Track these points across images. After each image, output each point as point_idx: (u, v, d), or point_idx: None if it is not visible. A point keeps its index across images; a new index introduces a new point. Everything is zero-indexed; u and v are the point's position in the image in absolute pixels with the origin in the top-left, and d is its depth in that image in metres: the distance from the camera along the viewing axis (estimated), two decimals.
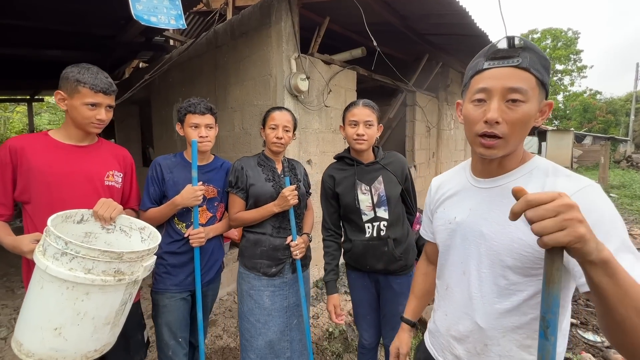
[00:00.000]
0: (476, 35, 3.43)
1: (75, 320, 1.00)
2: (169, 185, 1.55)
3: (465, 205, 0.86)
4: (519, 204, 0.52)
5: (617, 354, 2.30)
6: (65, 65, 1.33)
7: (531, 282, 0.73)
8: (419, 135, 5.27)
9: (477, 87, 0.74)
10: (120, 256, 1.01)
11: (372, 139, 1.55)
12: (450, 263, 0.89)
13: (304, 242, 1.65)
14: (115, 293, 1.05)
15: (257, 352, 1.61)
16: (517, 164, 0.79)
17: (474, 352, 0.82)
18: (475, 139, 0.75)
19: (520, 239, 0.72)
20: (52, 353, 1.00)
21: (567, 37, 25.78)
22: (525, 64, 0.69)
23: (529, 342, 0.75)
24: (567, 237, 0.49)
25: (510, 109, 0.70)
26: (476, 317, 0.80)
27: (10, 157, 1.21)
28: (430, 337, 0.99)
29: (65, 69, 1.27)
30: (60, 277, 0.95)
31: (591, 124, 24.31)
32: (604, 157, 10.36)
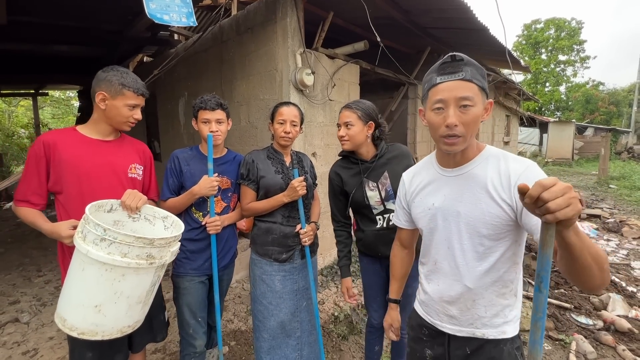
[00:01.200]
0: (477, 29, 3.48)
1: (113, 298, 1.12)
2: (187, 176, 1.65)
3: (440, 193, 1.03)
4: (535, 188, 0.63)
5: (608, 335, 2.43)
6: (71, 60, 1.44)
7: (500, 244, 0.94)
8: (420, 127, 5.34)
9: (435, 99, 0.92)
10: (152, 242, 1.13)
11: (354, 138, 1.63)
12: (435, 242, 1.05)
13: (312, 230, 1.76)
14: (146, 275, 1.17)
15: (269, 332, 1.74)
16: (475, 154, 0.99)
17: (465, 309, 1.01)
18: (440, 139, 0.94)
19: (490, 212, 0.92)
20: (92, 327, 1.12)
21: (570, 27, 25.46)
22: (468, 76, 0.88)
23: (504, 290, 0.97)
24: (572, 212, 0.61)
25: (463, 113, 0.89)
26: (464, 281, 0.99)
27: (44, 150, 1.31)
28: (423, 307, 1.15)
29: (103, 72, 1.37)
30: (100, 260, 1.06)
31: (593, 115, 24.19)
32: (605, 149, 10.41)
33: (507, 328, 0.99)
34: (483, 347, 1.01)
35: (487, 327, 0.99)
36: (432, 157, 1.12)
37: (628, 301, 2.90)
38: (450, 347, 1.06)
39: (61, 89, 10.20)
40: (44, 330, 2.62)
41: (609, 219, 5.59)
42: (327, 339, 2.44)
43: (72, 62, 5.43)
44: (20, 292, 3.26)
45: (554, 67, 25.97)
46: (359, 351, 2.34)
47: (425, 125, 1.01)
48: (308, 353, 1.83)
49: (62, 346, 2.41)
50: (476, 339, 1.01)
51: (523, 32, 27.46)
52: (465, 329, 1.02)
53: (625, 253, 4.28)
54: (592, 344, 2.35)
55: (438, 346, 1.09)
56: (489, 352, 1.00)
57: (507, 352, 0.99)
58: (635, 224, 5.24)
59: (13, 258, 4.17)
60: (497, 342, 0.99)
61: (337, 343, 2.41)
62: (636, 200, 7.20)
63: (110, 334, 1.16)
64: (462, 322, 1.02)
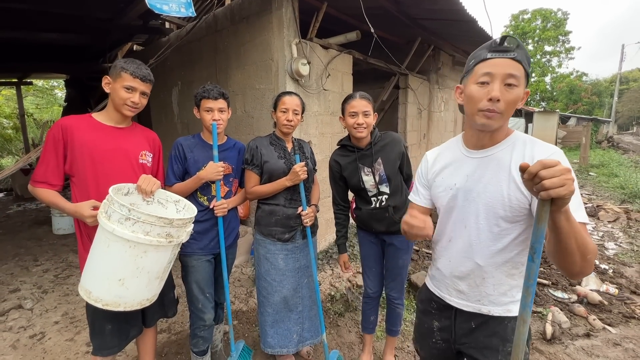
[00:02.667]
0: (466, 20, 3.60)
1: (135, 273, 1.22)
2: (191, 163, 1.74)
3: (462, 172, 1.05)
4: (535, 165, 0.67)
5: (580, 307, 2.66)
6: (61, 48, 1.49)
7: (516, 227, 0.97)
8: (410, 117, 5.48)
9: (482, 72, 0.92)
10: (171, 222, 1.23)
11: (370, 126, 1.77)
12: (452, 221, 1.09)
13: (313, 212, 1.89)
14: (165, 252, 1.28)
15: (273, 307, 1.88)
16: (503, 137, 1.01)
17: (474, 285, 1.05)
18: (478, 112, 0.94)
19: (509, 194, 0.95)
20: (116, 299, 1.23)
21: (556, 18, 25.85)
22: (519, 57, 0.90)
23: (514, 271, 1.01)
24: (565, 191, 0.66)
25: (507, 91, 0.90)
26: (476, 258, 1.03)
27: (62, 134, 1.39)
28: (433, 281, 1.20)
29: (115, 61, 1.46)
30: (125, 238, 1.16)
31: (576, 105, 24.86)
32: (585, 138, 10.82)
33: (513, 307, 1.03)
34: (487, 323, 1.05)
35: (493, 304, 1.03)
36: (459, 138, 1.14)
37: (600, 277, 3.15)
38: (457, 321, 1.11)
39: (47, 77, 9.89)
40: (49, 316, 2.69)
41: (587, 204, 5.90)
42: (325, 316, 2.60)
43: (58, 50, 5.31)
44: (20, 281, 3.30)
45: (540, 58, 26.43)
46: (354, 326, 2.51)
47: (460, 102, 1.03)
48: (309, 326, 1.98)
49: (68, 329, 2.50)
50: (481, 315, 1.05)
51: (511, 23, 27.75)
52: (472, 304, 1.06)
53: (600, 235, 4.57)
54: (567, 315, 2.58)
55: (445, 319, 1.15)
56: (493, 327, 1.04)
57: (510, 328, 1.03)
58: (611, 209, 5.56)
59: (8, 249, 4.17)
60: (501, 319, 1.04)
61: (334, 319, 2.57)
62: (613, 186, 7.57)
63: (132, 306, 1.26)
64: (469, 297, 1.06)
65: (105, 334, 1.48)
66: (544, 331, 2.39)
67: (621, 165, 10.61)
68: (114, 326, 1.49)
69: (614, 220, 5.15)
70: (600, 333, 2.42)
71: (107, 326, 1.47)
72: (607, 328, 2.46)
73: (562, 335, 2.37)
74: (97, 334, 1.48)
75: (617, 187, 7.39)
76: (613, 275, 3.24)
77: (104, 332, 1.48)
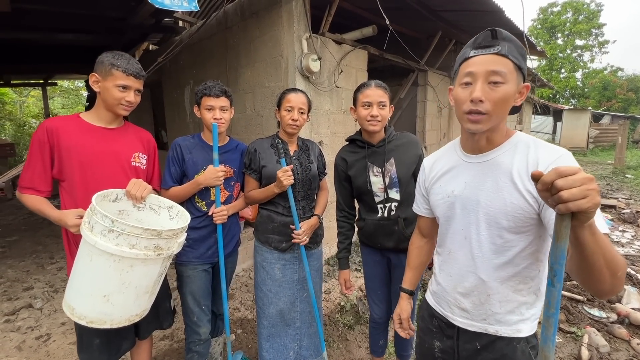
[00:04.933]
0: (491, 11, 3.33)
1: (121, 288, 1.11)
2: (189, 165, 1.63)
3: (461, 179, 0.97)
4: (549, 174, 0.58)
5: (621, 328, 2.37)
6: (78, 49, 1.39)
7: (521, 239, 0.87)
8: (430, 115, 5.21)
9: (465, 72, 0.86)
10: (160, 233, 1.11)
11: (385, 119, 1.57)
12: (452, 231, 1.00)
13: (310, 228, 1.69)
14: (154, 265, 1.16)
15: (269, 320, 1.73)
16: (503, 139, 0.91)
17: (478, 303, 0.95)
18: (463, 116, 0.87)
19: (512, 203, 0.85)
20: (101, 316, 1.12)
21: (589, 10, 24.37)
22: (504, 51, 0.81)
23: (521, 286, 0.91)
24: (588, 204, 0.55)
25: (492, 90, 0.82)
26: (479, 273, 0.93)
27: (47, 136, 1.29)
28: (434, 297, 1.10)
29: (100, 55, 1.34)
30: (108, 252, 1.05)
31: (610, 102, 23.35)
32: (622, 137, 10.06)
33: (523, 326, 0.93)
34: (494, 344, 0.95)
35: (500, 323, 0.94)
36: (456, 142, 1.05)
37: None
38: (460, 341, 1.01)
39: (69, 78, 10.25)
40: (57, 316, 2.68)
41: (625, 209, 5.43)
42: (334, 328, 2.44)
43: (79, 52, 5.42)
44: (34, 279, 3.34)
45: (570, 53, 25.03)
46: (364, 340, 2.33)
47: (452, 105, 0.95)
48: (308, 344, 1.82)
49: (73, 332, 2.44)
50: (487, 335, 0.95)
51: (538, 16, 26.43)
52: (477, 323, 0.97)
53: None
54: (605, 337, 2.30)
55: (447, 339, 1.05)
56: (501, 349, 0.94)
57: (520, 350, 0.93)
58: None
59: (27, 245, 4.28)
60: (510, 339, 0.94)
61: (343, 332, 2.41)
62: None
63: (119, 323, 1.16)
64: (474, 316, 0.97)
65: (93, 349, 1.39)
66: (579, 355, 2.13)
67: None
68: (102, 341, 1.39)
69: None
70: None
71: (95, 340, 1.38)
72: None
73: None
74: (85, 348, 1.39)
75: None
76: None
77: (92, 346, 1.39)
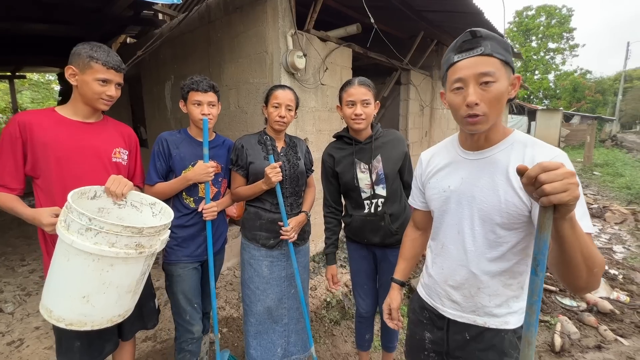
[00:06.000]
0: (472, 12, 3.42)
1: (101, 289, 1.07)
2: (176, 160, 1.59)
3: (458, 175, 0.99)
4: (534, 169, 0.61)
5: (590, 316, 2.52)
6: (50, 40, 1.32)
7: (514, 235, 0.90)
8: (412, 114, 5.31)
9: (454, 78, 0.87)
10: (141, 231, 1.08)
11: (370, 117, 1.58)
12: (445, 225, 1.02)
13: (298, 225, 1.70)
14: (136, 264, 1.13)
15: (256, 317, 1.73)
16: (501, 138, 0.93)
17: (468, 296, 0.99)
18: (462, 120, 0.88)
19: (507, 200, 0.88)
20: (81, 318, 1.08)
21: (561, 15, 25.51)
22: (487, 50, 0.82)
23: (511, 281, 0.95)
24: (568, 197, 0.59)
25: (485, 90, 0.83)
26: (471, 267, 0.97)
27: (19, 131, 1.22)
28: (426, 290, 1.13)
29: (76, 46, 1.28)
30: (86, 251, 1.01)
31: (580, 103, 24.59)
32: (590, 137, 10.63)
33: (511, 319, 0.97)
34: (483, 334, 0.99)
35: (489, 316, 0.97)
36: (454, 138, 1.07)
37: (610, 283, 3.01)
38: (450, 332, 1.05)
39: (39, 71, 9.71)
40: (30, 320, 2.55)
41: (593, 204, 5.75)
42: (320, 324, 2.46)
43: (51, 43, 5.14)
44: (4, 282, 3.16)
45: (543, 55, 26.12)
46: (350, 335, 2.37)
47: (447, 108, 0.97)
48: (295, 340, 1.82)
49: (48, 336, 2.36)
50: (476, 326, 0.99)
51: (514, 19, 27.41)
52: (467, 315, 1.00)
53: (607, 238, 4.42)
54: (576, 325, 2.43)
55: (437, 330, 1.08)
56: (490, 340, 0.98)
57: (508, 340, 0.97)
58: (618, 210, 5.40)
59: None
60: (498, 331, 0.97)
61: (329, 328, 2.43)
62: (619, 186, 7.41)
63: (100, 324, 1.12)
64: (464, 308, 1.01)
65: (73, 352, 1.34)
66: (552, 343, 2.24)
67: (626, 164, 10.43)
68: (83, 343, 1.34)
69: (621, 222, 4.99)
70: (612, 345, 2.27)
71: (75, 343, 1.33)
72: (619, 339, 2.32)
73: (572, 348, 2.23)
74: (65, 352, 1.34)
75: (622, 188, 7.23)
76: (623, 282, 3.10)
77: (72, 349, 1.34)
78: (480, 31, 0.84)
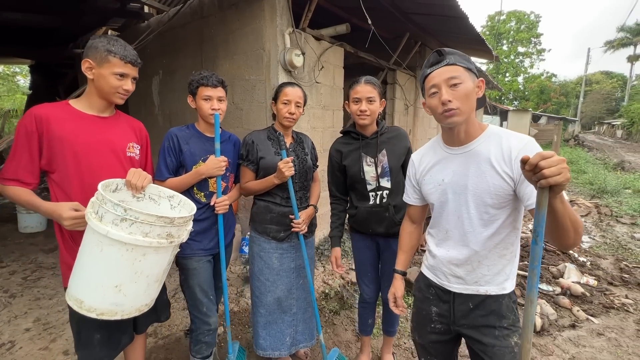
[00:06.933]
0: (458, 17, 3.60)
1: (133, 278, 1.10)
2: (187, 156, 1.61)
3: (449, 169, 1.15)
4: (535, 157, 0.75)
5: (565, 299, 2.76)
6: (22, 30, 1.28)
7: (503, 212, 1.07)
8: (397, 112, 5.49)
9: (429, 86, 1.08)
10: (172, 221, 1.12)
11: (375, 113, 1.69)
12: (446, 214, 1.18)
13: (308, 217, 1.79)
14: (165, 254, 1.17)
15: (266, 308, 1.79)
16: (479, 132, 1.11)
17: (470, 270, 1.14)
18: (440, 116, 1.07)
19: (494, 184, 1.05)
20: (113, 307, 1.11)
21: (529, 21, 26.91)
22: (452, 61, 1.04)
23: (504, 251, 1.11)
24: (562, 178, 0.73)
25: (454, 90, 1.03)
26: (472, 245, 1.13)
27: (36, 125, 1.21)
28: (430, 270, 1.28)
29: (92, 39, 1.28)
30: (121, 241, 1.04)
31: (546, 105, 26.13)
32: (557, 136, 11.35)
33: (507, 284, 1.13)
34: (484, 302, 1.13)
35: (489, 284, 1.13)
36: (438, 138, 1.23)
37: (580, 269, 3.30)
38: (455, 303, 1.18)
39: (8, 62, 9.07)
40: (18, 322, 2.46)
41: None
42: (320, 314, 2.54)
43: (22, 33, 4.86)
44: None
45: (513, 59, 27.47)
46: (350, 324, 2.47)
47: (429, 114, 1.15)
48: (303, 329, 1.90)
49: (42, 337, 2.30)
50: (478, 295, 1.14)
51: (487, 23, 28.61)
52: (471, 286, 1.15)
53: None
54: (553, 307, 2.67)
55: (444, 303, 1.21)
56: (490, 305, 1.13)
57: (505, 304, 1.13)
58: (583, 203, 5.86)
59: None
60: (497, 297, 1.12)
61: (329, 318, 2.52)
62: (583, 182, 8.00)
63: (129, 313, 1.15)
64: (467, 281, 1.15)
65: (93, 345, 1.34)
66: (533, 323, 2.45)
67: (588, 162, 11.25)
68: (103, 335, 1.35)
69: (586, 214, 5.42)
70: (584, 324, 2.52)
71: (95, 335, 1.33)
72: (590, 319, 2.57)
73: (550, 327, 2.45)
74: (84, 345, 1.34)
75: (586, 183, 7.82)
76: (591, 268, 3.40)
77: (92, 342, 1.34)
78: (444, 50, 1.07)
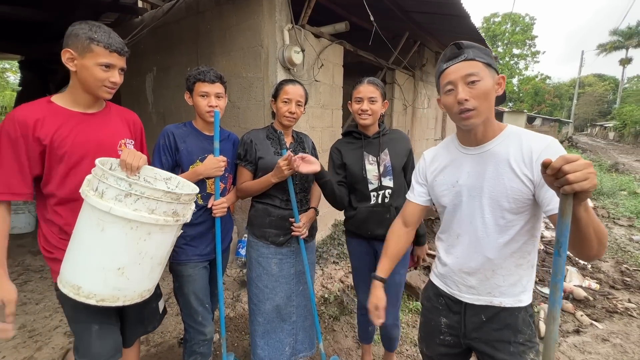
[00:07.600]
0: (459, 15, 3.55)
1: (137, 259, 1.03)
2: (183, 154, 1.52)
3: (463, 170, 1.07)
4: (558, 160, 0.68)
5: (568, 303, 2.72)
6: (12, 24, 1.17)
7: (521, 218, 0.99)
8: (396, 113, 5.43)
9: (445, 82, 0.99)
10: (179, 197, 1.06)
11: (376, 113, 1.64)
12: (458, 217, 1.09)
13: (309, 220, 1.71)
14: (170, 233, 1.10)
15: (264, 316, 1.69)
16: (497, 132, 1.03)
17: (484, 279, 1.06)
18: (456, 116, 0.99)
19: (512, 186, 0.96)
20: (115, 292, 1.03)
21: (524, 23, 27.14)
22: (470, 56, 0.95)
23: (521, 261, 1.03)
24: (588, 184, 0.66)
25: (472, 88, 0.94)
26: (485, 252, 1.04)
27: (20, 130, 1.10)
28: (440, 278, 1.18)
29: (72, 27, 1.15)
30: (125, 218, 0.96)
31: (540, 106, 26.37)
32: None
33: (524, 297, 1.04)
34: (499, 315, 1.05)
35: (504, 295, 1.04)
36: (453, 137, 1.15)
37: (581, 272, 3.26)
38: (466, 315, 1.10)
39: None
40: None
41: None
42: (319, 320, 2.46)
43: (11, 27, 4.70)
44: None
45: (508, 60, 27.69)
46: (350, 330, 2.39)
47: (444, 111, 1.06)
48: (303, 338, 1.81)
49: (27, 345, 2.18)
50: (492, 307, 1.05)
51: (482, 25, 28.79)
52: (483, 297, 1.06)
53: None
54: None
55: (454, 314, 1.13)
56: (505, 319, 1.04)
57: (521, 319, 1.04)
58: None
59: None
60: (512, 309, 1.04)
61: (329, 324, 2.44)
62: None
63: (132, 299, 1.08)
64: (480, 291, 1.06)
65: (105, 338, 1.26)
66: (537, 328, 2.40)
67: None
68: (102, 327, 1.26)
69: None
70: (588, 329, 2.47)
71: (93, 327, 1.24)
72: (594, 324, 2.52)
73: None
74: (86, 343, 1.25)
75: None
76: (592, 271, 3.37)
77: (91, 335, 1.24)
78: (463, 43, 0.97)
